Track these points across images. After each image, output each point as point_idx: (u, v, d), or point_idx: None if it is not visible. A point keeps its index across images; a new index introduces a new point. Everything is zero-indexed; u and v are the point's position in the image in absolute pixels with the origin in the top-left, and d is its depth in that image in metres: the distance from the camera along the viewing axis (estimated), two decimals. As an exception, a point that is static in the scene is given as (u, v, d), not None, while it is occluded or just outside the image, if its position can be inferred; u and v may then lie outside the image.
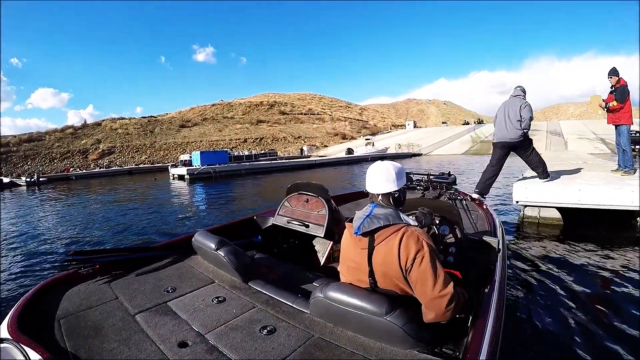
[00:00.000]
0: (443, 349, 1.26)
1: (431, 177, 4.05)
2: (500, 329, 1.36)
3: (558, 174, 5.73)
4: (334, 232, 2.43)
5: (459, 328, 1.35)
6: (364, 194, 4.29)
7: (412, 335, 1.17)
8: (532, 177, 5.53)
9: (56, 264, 3.85)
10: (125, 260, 2.00)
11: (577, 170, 6.22)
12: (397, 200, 1.38)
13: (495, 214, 3.01)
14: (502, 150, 4.99)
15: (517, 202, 5.00)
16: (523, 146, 4.97)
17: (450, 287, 1.22)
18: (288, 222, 2.60)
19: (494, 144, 5.09)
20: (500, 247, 2.03)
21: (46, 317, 1.42)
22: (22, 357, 1.07)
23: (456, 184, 3.90)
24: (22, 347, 1.10)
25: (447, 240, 1.89)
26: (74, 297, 1.60)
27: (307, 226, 2.45)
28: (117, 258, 1.98)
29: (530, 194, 4.87)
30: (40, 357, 1.09)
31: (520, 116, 4.68)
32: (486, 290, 1.56)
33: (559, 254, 3.78)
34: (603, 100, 5.34)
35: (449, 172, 4.12)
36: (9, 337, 1.19)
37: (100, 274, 1.84)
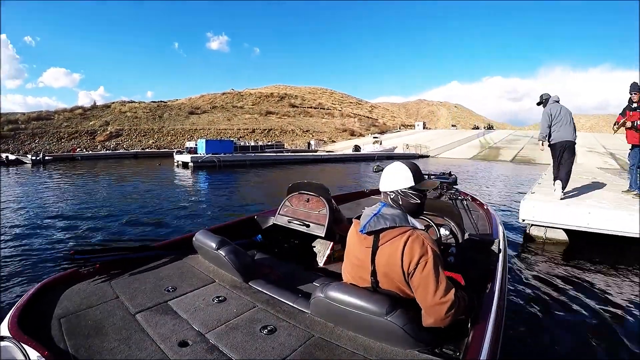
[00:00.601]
0: (443, 349, 1.25)
1: (432, 177, 4.01)
2: (500, 329, 1.35)
3: (567, 191, 5.58)
4: (334, 232, 2.41)
5: (459, 328, 1.34)
6: (365, 194, 4.30)
7: (412, 335, 1.17)
8: (540, 191, 5.43)
9: (57, 263, 3.83)
10: (125, 259, 1.99)
11: (587, 188, 6.05)
12: (397, 203, 1.37)
13: (497, 215, 2.98)
14: (561, 151, 5.09)
15: (524, 220, 4.89)
16: (573, 149, 5.12)
17: (451, 295, 1.20)
18: (289, 222, 2.58)
19: (554, 144, 5.10)
20: (501, 247, 2.02)
21: (46, 316, 1.42)
22: (22, 356, 1.07)
23: (457, 184, 3.86)
24: (22, 345, 1.10)
25: (448, 241, 1.87)
26: (75, 296, 1.59)
27: (308, 226, 2.43)
28: (117, 257, 1.97)
29: (538, 213, 4.72)
30: (40, 356, 1.09)
31: (573, 122, 5.01)
32: (487, 290, 1.55)
33: (562, 269, 3.76)
34: (627, 119, 5.15)
35: (450, 172, 4.08)
36: (9, 335, 1.19)
37: (101, 273, 1.83)
